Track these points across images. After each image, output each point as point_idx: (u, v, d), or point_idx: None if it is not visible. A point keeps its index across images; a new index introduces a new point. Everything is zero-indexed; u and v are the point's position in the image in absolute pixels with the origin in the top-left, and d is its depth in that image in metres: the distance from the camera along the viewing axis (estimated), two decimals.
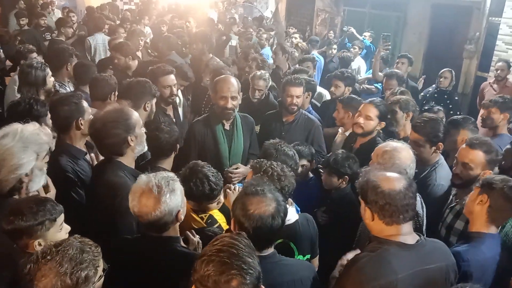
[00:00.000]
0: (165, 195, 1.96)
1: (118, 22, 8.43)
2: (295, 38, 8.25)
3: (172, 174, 2.10)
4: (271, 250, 1.92)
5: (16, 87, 3.90)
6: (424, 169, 3.02)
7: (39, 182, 2.22)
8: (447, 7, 8.20)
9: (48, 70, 3.77)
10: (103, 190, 2.43)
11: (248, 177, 2.48)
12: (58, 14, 9.63)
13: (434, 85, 5.89)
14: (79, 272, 1.53)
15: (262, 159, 2.49)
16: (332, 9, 11.31)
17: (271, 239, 1.90)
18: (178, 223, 2.09)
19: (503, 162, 2.85)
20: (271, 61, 6.96)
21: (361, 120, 3.39)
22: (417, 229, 2.30)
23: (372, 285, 1.77)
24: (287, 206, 2.36)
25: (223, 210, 2.67)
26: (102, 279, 1.64)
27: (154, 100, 3.42)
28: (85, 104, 2.93)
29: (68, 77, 4.44)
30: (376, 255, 1.83)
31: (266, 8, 13.66)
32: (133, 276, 1.98)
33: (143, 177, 2.03)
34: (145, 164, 2.94)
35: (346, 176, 3.08)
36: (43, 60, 3.99)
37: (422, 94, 5.87)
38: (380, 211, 1.86)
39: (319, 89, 5.32)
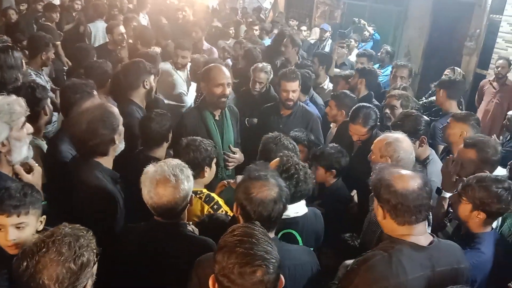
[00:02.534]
0: (183, 182, 2.00)
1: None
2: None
3: (180, 161, 2.12)
4: (272, 235, 1.92)
5: None
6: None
7: (19, 153, 2.18)
8: (448, 3, 8.15)
9: (20, 53, 3.68)
10: (81, 193, 2.33)
11: (272, 167, 2.41)
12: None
13: None
14: (81, 256, 1.52)
15: (292, 154, 2.46)
16: (332, 2, 11.21)
17: (273, 223, 1.90)
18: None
19: None
20: None
21: (355, 138, 3.45)
22: None
23: (382, 285, 1.76)
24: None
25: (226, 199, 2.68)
26: (96, 264, 1.63)
27: (152, 77, 3.50)
28: (95, 93, 2.91)
29: (42, 66, 4.32)
30: (388, 255, 1.81)
31: None
32: (144, 264, 1.99)
33: (153, 168, 2.03)
34: (137, 153, 2.96)
35: (333, 170, 3.11)
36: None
37: (430, 92, 5.79)
38: (392, 210, 1.84)
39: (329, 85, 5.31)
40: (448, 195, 2.58)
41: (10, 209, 1.82)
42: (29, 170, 2.28)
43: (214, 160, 2.72)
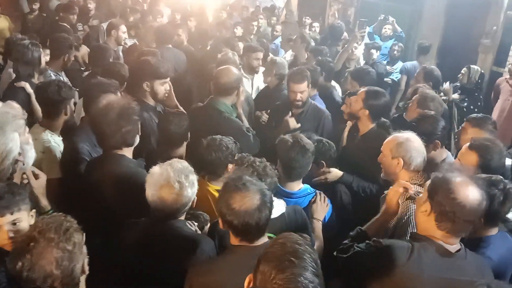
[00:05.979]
0: (186, 189, 2.01)
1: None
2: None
3: (187, 165, 2.11)
4: (265, 239, 1.89)
5: (11, 69, 3.88)
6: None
7: (31, 157, 2.21)
8: (463, 1, 8.01)
9: (41, 49, 3.73)
10: (111, 184, 2.36)
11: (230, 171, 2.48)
12: None
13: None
14: (71, 237, 1.55)
15: (246, 155, 2.49)
16: (345, 0, 11.13)
17: (262, 230, 1.87)
18: None
19: None
20: (282, 52, 6.88)
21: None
22: None
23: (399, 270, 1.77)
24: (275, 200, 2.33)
25: None
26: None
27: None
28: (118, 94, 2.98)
29: (63, 67, 4.35)
30: (412, 246, 1.81)
31: None
32: (141, 259, 2.03)
33: (158, 170, 2.03)
34: (157, 153, 2.94)
35: (322, 162, 3.09)
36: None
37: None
38: (441, 215, 1.80)
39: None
40: None
41: (3, 210, 1.85)
42: (35, 176, 2.32)
43: (236, 156, 2.72)
